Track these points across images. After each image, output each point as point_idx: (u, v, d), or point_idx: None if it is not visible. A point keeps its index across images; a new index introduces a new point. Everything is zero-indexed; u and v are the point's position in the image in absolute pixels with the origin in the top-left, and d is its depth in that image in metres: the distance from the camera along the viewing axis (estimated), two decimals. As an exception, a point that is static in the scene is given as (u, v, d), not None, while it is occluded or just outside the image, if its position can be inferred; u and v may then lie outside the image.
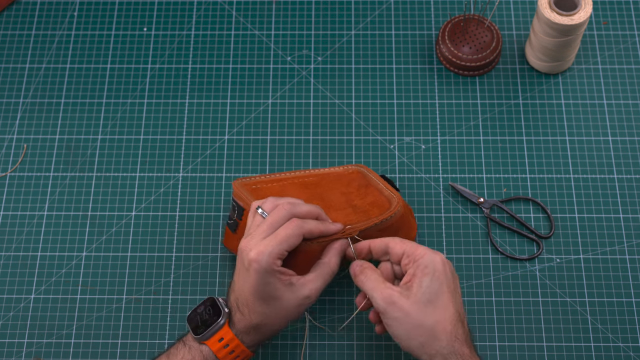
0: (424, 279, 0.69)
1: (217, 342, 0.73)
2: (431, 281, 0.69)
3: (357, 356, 0.84)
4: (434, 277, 0.69)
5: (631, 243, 0.88)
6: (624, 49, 0.99)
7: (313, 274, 0.75)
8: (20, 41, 1.01)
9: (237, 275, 0.74)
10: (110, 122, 0.96)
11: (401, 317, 0.69)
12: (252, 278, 0.71)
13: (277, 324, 0.74)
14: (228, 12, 1.03)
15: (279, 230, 0.72)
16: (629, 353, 0.83)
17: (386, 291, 0.70)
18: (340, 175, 0.87)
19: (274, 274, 0.71)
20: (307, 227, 0.73)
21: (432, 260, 0.70)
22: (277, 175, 0.87)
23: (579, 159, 0.93)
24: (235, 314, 0.74)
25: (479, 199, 0.90)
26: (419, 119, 0.95)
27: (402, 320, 0.69)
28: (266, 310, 0.73)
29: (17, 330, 0.85)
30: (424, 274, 0.69)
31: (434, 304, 0.69)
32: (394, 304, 0.69)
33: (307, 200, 0.82)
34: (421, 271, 0.70)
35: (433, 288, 0.69)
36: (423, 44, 1.00)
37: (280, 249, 0.71)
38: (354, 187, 0.86)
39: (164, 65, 0.99)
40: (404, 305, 0.69)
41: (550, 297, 0.86)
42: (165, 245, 0.89)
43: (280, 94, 0.97)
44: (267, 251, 0.71)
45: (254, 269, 0.71)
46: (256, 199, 0.80)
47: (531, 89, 0.97)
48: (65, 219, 0.91)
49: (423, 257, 0.70)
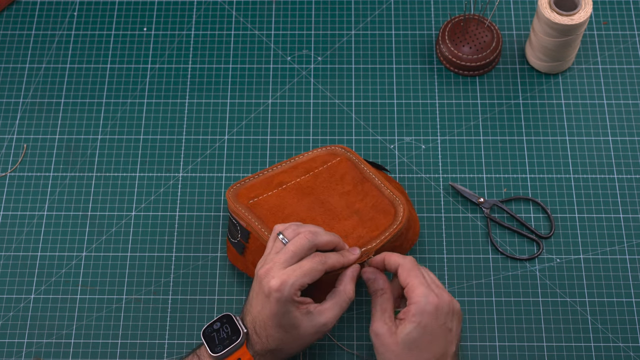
0: (407, 326, 0.72)
1: None
2: (413, 329, 0.72)
3: (357, 356, 0.84)
4: (418, 326, 0.72)
5: (631, 243, 0.88)
6: (624, 49, 0.99)
7: (330, 302, 0.75)
8: (20, 41, 1.01)
9: (256, 300, 0.74)
10: (110, 122, 0.96)
11: (382, 350, 0.73)
12: (272, 306, 0.72)
13: (293, 349, 0.75)
14: (228, 12, 1.03)
15: (303, 262, 0.73)
16: (629, 353, 0.83)
17: (378, 323, 0.73)
18: (332, 170, 0.87)
19: (294, 303, 0.72)
20: (330, 262, 0.74)
21: (420, 310, 0.72)
22: (267, 173, 0.86)
23: (579, 159, 0.93)
24: (252, 336, 0.74)
25: (479, 199, 0.90)
26: (419, 119, 0.95)
27: (381, 353, 0.73)
28: (283, 337, 0.73)
29: (17, 330, 0.85)
30: (410, 321, 0.72)
31: (415, 350, 0.72)
32: (380, 336, 0.73)
33: (309, 209, 0.83)
34: (409, 317, 0.72)
35: (413, 336, 0.71)
36: (423, 44, 1.00)
37: (303, 281, 0.72)
38: (350, 183, 0.85)
39: (164, 65, 0.99)
40: (387, 341, 0.72)
41: (550, 297, 0.86)
42: (165, 245, 0.89)
43: (280, 94, 0.97)
44: (290, 282, 0.71)
45: (275, 297, 0.71)
46: (258, 218, 0.81)
47: (531, 89, 0.97)
48: (65, 219, 0.91)
49: (415, 305, 0.72)
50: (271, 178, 0.86)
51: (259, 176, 0.86)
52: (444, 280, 0.87)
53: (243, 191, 0.85)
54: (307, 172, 0.86)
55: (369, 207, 0.83)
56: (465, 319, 0.85)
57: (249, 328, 0.74)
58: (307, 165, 0.87)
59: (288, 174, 0.86)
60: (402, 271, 0.75)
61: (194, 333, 0.85)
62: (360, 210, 0.83)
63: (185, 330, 0.85)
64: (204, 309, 0.86)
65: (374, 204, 0.83)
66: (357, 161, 0.86)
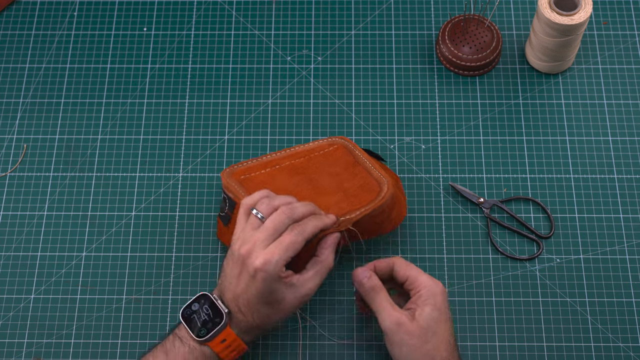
0: (425, 308, 0.73)
1: (220, 344, 0.73)
2: (432, 311, 0.73)
3: (357, 356, 0.84)
4: (434, 308, 0.73)
5: (631, 243, 0.88)
6: (624, 49, 0.99)
7: (311, 271, 0.76)
8: (20, 41, 1.01)
9: (239, 279, 0.74)
10: (110, 122, 0.96)
11: (406, 339, 0.72)
12: (258, 284, 0.72)
13: (276, 322, 0.76)
14: (228, 12, 1.03)
15: (283, 237, 0.73)
16: (629, 353, 0.83)
17: (395, 314, 0.73)
18: (327, 155, 0.87)
19: (279, 280, 0.72)
20: (308, 231, 0.75)
21: (432, 293, 0.74)
22: (265, 158, 0.87)
23: (579, 159, 0.93)
24: (236, 314, 0.74)
25: (479, 199, 0.90)
26: (419, 119, 0.95)
27: (405, 342, 0.72)
28: (269, 312, 0.74)
29: (17, 330, 0.85)
30: (425, 304, 0.73)
31: (433, 331, 0.73)
32: (402, 325, 0.73)
33: (297, 186, 0.84)
34: (423, 302, 0.73)
35: (434, 317, 0.73)
36: (423, 44, 1.00)
37: (287, 256, 0.72)
38: (341, 166, 0.86)
39: (164, 65, 0.99)
40: (410, 329, 0.72)
41: (550, 297, 0.86)
42: (165, 245, 0.89)
43: (280, 94, 0.97)
44: (274, 260, 0.72)
45: (261, 277, 0.72)
46: (247, 191, 0.81)
47: (531, 89, 0.97)
48: (65, 219, 0.91)
49: (425, 289, 0.74)
50: (268, 162, 0.87)
51: (257, 160, 0.87)
52: (444, 280, 0.87)
53: (239, 171, 0.86)
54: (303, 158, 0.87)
55: (356, 187, 0.84)
56: (465, 319, 0.85)
57: (231, 307, 0.74)
58: (306, 152, 0.88)
59: (285, 159, 0.87)
60: (399, 267, 0.76)
61: (194, 333, 0.85)
62: (347, 189, 0.84)
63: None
64: (204, 309, 0.86)
65: (361, 185, 0.84)
66: (352, 148, 0.87)
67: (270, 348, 0.84)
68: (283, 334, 0.85)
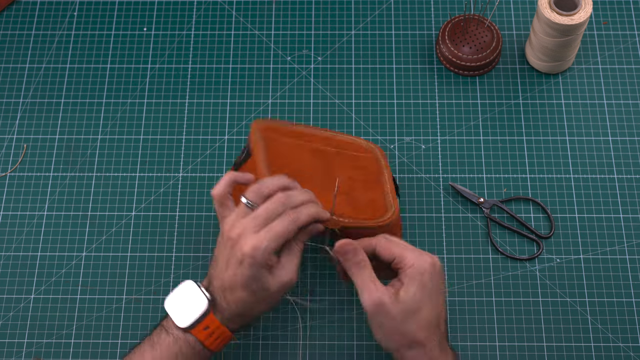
0: (410, 288, 0.71)
1: (203, 331, 0.72)
2: (417, 290, 0.71)
3: (357, 356, 0.84)
4: (420, 286, 0.71)
5: (631, 243, 0.88)
6: (624, 49, 0.99)
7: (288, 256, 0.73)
8: (20, 41, 1.01)
9: (227, 265, 0.72)
10: (110, 122, 0.96)
11: (384, 321, 0.70)
12: (245, 271, 0.71)
13: (260, 311, 0.74)
14: (228, 12, 1.03)
15: (275, 223, 0.71)
16: (629, 353, 0.83)
17: (376, 294, 0.71)
18: (357, 158, 0.86)
19: (267, 267, 0.71)
20: (302, 219, 0.72)
21: (420, 271, 0.71)
22: (302, 128, 0.85)
23: (579, 159, 0.93)
24: (221, 302, 0.73)
25: (479, 199, 0.90)
26: (419, 119, 0.95)
27: (386, 325, 0.71)
28: (252, 299, 0.72)
29: (17, 330, 0.85)
30: (411, 283, 0.71)
31: (414, 312, 0.71)
32: (382, 305, 0.70)
33: (313, 169, 0.82)
34: (409, 280, 0.71)
35: (418, 297, 0.71)
36: (423, 44, 1.00)
37: (276, 244, 0.71)
38: (363, 175, 0.85)
39: (164, 65, 0.99)
40: (390, 309, 0.70)
41: (550, 297, 0.86)
42: (165, 245, 0.89)
43: (280, 94, 0.97)
44: (263, 246, 0.70)
45: (248, 263, 0.70)
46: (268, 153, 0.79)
47: (531, 89, 0.97)
48: (65, 219, 0.91)
49: (412, 268, 0.71)
50: (302, 133, 0.85)
51: (295, 126, 0.85)
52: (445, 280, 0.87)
53: (271, 127, 0.83)
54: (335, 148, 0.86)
55: (365, 199, 0.83)
56: (465, 319, 0.85)
57: (218, 294, 0.73)
58: (340, 144, 0.87)
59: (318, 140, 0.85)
60: (382, 249, 0.73)
61: (194, 333, 0.85)
62: (356, 197, 0.83)
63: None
64: (204, 309, 0.86)
65: (371, 199, 0.83)
66: (382, 165, 0.87)
67: (271, 348, 0.84)
68: (283, 334, 0.85)
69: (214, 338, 0.73)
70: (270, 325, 0.85)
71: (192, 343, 0.73)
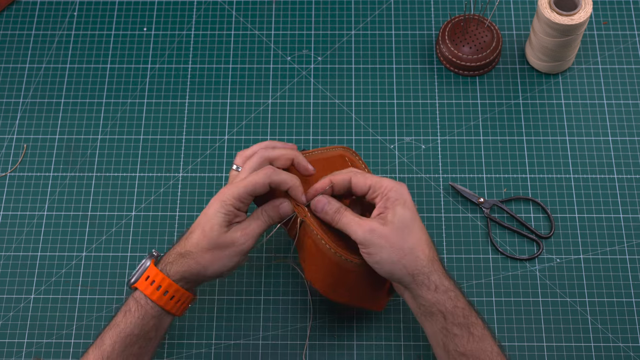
0: (396, 209, 0.72)
1: (145, 281, 0.73)
2: (403, 209, 0.72)
3: (357, 356, 0.84)
4: (405, 206, 0.73)
5: (631, 243, 0.88)
6: (624, 49, 0.99)
7: (251, 219, 0.75)
8: (20, 41, 1.01)
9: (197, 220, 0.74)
10: (110, 122, 0.96)
11: (383, 242, 0.71)
12: (208, 210, 0.73)
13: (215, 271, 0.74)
14: (228, 12, 1.03)
15: (250, 175, 0.74)
16: (629, 353, 0.83)
17: (365, 223, 0.72)
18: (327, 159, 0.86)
19: (229, 214, 0.72)
20: (275, 179, 0.74)
21: (400, 192, 0.73)
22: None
23: (579, 159, 0.93)
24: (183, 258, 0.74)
25: (479, 199, 0.90)
26: (419, 119, 0.95)
27: (383, 246, 0.71)
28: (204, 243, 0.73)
29: (17, 330, 0.85)
30: (394, 205, 0.72)
31: (409, 229, 0.72)
32: (374, 231, 0.71)
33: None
34: (392, 203, 0.73)
35: (406, 215, 0.72)
36: (423, 44, 1.00)
37: (245, 191, 0.72)
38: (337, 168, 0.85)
39: (164, 65, 0.99)
40: (384, 232, 0.71)
41: (550, 297, 0.86)
42: (165, 246, 0.89)
43: (280, 94, 0.97)
44: (229, 191, 0.72)
45: (214, 203, 0.73)
46: None
47: (531, 89, 0.97)
48: (65, 219, 0.91)
49: (391, 191, 0.73)
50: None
51: None
52: (444, 280, 0.87)
53: None
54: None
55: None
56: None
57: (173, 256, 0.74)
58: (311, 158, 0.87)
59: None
60: (357, 180, 0.75)
61: (194, 333, 0.85)
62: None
63: (185, 330, 0.85)
64: (204, 308, 0.86)
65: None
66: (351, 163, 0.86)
67: (271, 348, 0.84)
68: (283, 334, 0.85)
69: (161, 292, 0.73)
70: (270, 326, 0.85)
71: (155, 312, 0.73)
